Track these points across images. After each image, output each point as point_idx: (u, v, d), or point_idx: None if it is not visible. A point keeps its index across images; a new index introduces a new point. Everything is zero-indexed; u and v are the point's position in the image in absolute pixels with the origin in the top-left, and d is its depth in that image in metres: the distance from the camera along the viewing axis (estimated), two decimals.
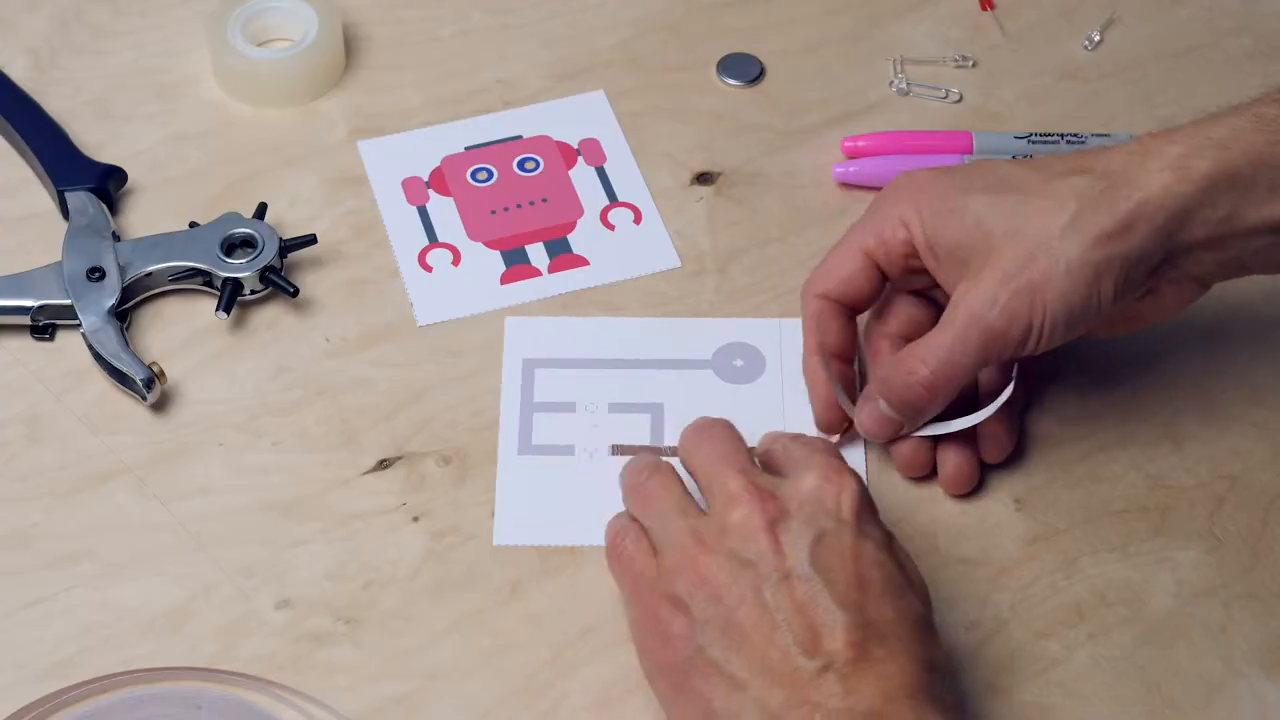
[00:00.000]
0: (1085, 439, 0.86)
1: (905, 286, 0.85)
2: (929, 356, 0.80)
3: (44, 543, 0.82)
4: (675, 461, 0.79)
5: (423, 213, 0.95)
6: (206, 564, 0.81)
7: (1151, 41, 1.03)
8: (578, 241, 0.94)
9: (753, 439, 0.80)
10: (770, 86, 1.01)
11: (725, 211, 0.95)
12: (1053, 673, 0.79)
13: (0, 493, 0.84)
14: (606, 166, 0.97)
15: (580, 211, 0.95)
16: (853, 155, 0.97)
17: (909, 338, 0.84)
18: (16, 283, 0.89)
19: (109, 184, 0.93)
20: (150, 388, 0.85)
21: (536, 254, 0.93)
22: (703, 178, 0.96)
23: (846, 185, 0.96)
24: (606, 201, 0.96)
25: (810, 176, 0.97)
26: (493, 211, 0.95)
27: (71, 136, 0.96)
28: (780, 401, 0.87)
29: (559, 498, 0.84)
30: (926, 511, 0.84)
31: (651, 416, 0.86)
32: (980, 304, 0.78)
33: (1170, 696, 0.78)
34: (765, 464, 0.78)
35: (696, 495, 0.77)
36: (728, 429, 0.78)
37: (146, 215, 0.94)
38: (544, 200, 0.96)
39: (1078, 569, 0.82)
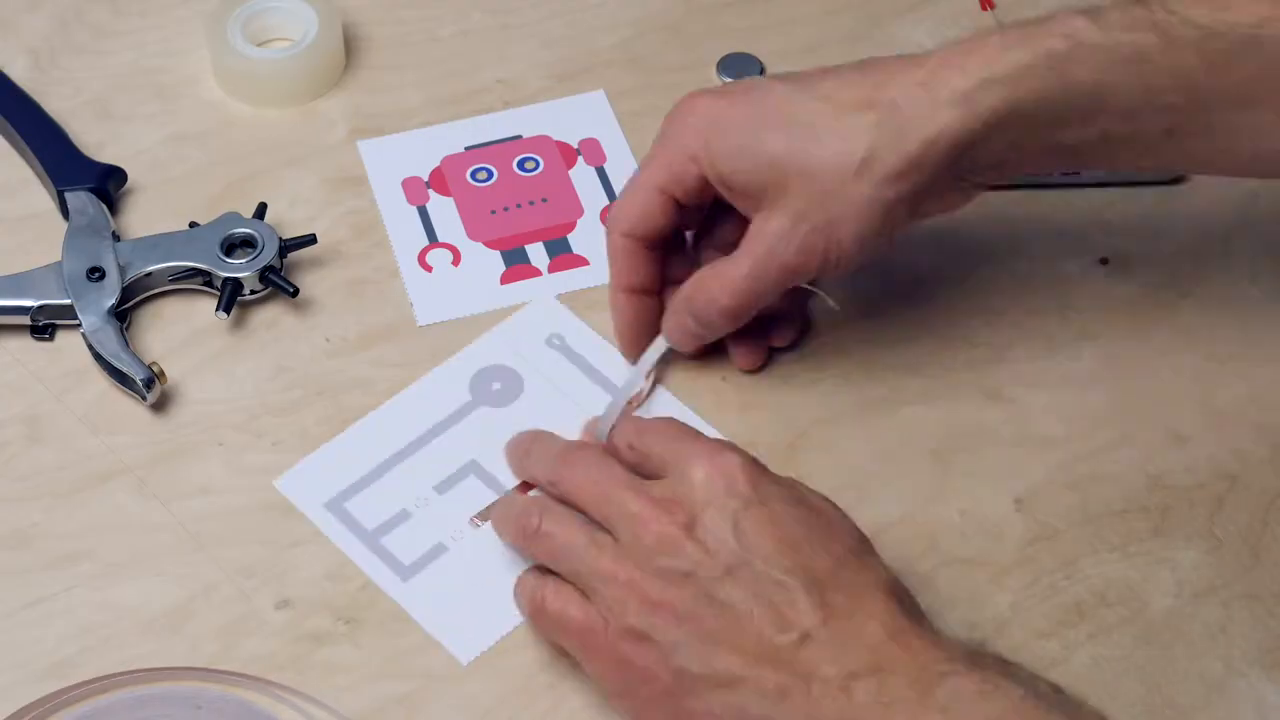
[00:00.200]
0: (1085, 439, 0.86)
1: (702, 204, 0.86)
2: (729, 286, 0.83)
3: (44, 543, 0.82)
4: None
5: (423, 213, 0.95)
6: (206, 564, 0.81)
7: None
8: (578, 241, 0.94)
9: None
10: None
11: None
12: (1053, 673, 0.78)
13: (0, 493, 0.84)
14: (606, 166, 0.97)
15: (580, 211, 0.95)
16: None
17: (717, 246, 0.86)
18: (16, 283, 0.89)
19: (109, 184, 0.93)
20: (150, 388, 0.85)
21: (536, 254, 0.93)
22: None
23: None
24: (607, 201, 0.95)
25: None
26: (493, 211, 0.95)
27: (71, 136, 0.96)
28: (557, 402, 0.87)
29: (474, 594, 0.80)
30: (926, 511, 0.84)
31: (476, 474, 0.84)
32: (776, 241, 0.81)
33: (1170, 696, 0.78)
34: (626, 463, 0.78)
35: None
36: (589, 449, 0.79)
37: (146, 215, 0.94)
38: (544, 200, 0.96)
39: (1078, 569, 0.82)
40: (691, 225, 0.88)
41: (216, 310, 0.89)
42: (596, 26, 1.03)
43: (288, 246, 0.90)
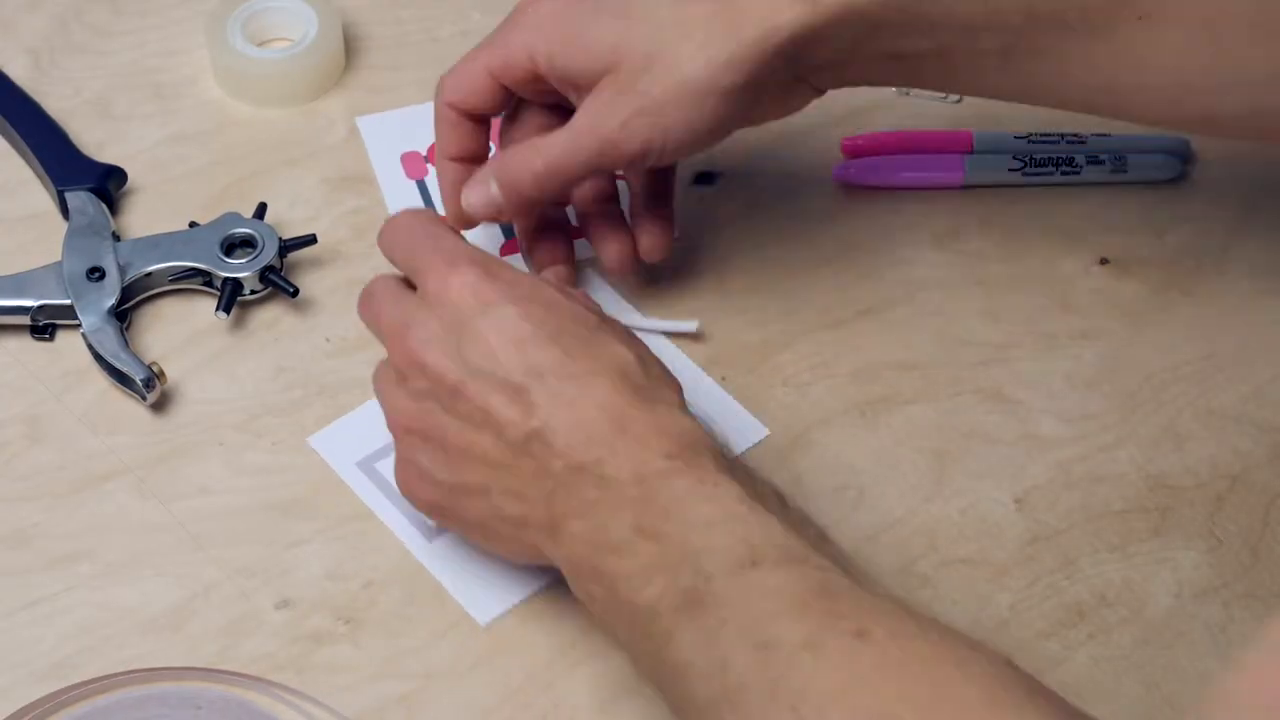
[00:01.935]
0: (1085, 439, 0.86)
1: (535, 100, 0.86)
2: (545, 152, 0.82)
3: (44, 543, 0.82)
4: None
5: (421, 187, 0.95)
6: (206, 564, 0.81)
7: None
8: (574, 212, 0.93)
9: None
10: None
11: (725, 211, 0.95)
12: (1053, 673, 0.79)
13: (0, 493, 0.84)
14: None
15: None
16: (853, 155, 0.97)
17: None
18: (16, 283, 0.89)
19: (109, 184, 0.93)
20: (150, 388, 0.85)
21: None
22: (702, 178, 0.96)
23: (847, 185, 0.96)
24: None
25: (810, 176, 0.96)
26: None
27: (71, 136, 0.96)
28: None
29: (496, 558, 0.79)
30: (925, 511, 0.84)
31: None
32: (601, 115, 0.80)
33: (1170, 696, 0.78)
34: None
35: None
36: (382, 279, 0.80)
37: (146, 215, 0.94)
38: None
39: (1078, 569, 0.82)
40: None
41: (216, 310, 0.89)
42: None
43: (288, 246, 0.90)
